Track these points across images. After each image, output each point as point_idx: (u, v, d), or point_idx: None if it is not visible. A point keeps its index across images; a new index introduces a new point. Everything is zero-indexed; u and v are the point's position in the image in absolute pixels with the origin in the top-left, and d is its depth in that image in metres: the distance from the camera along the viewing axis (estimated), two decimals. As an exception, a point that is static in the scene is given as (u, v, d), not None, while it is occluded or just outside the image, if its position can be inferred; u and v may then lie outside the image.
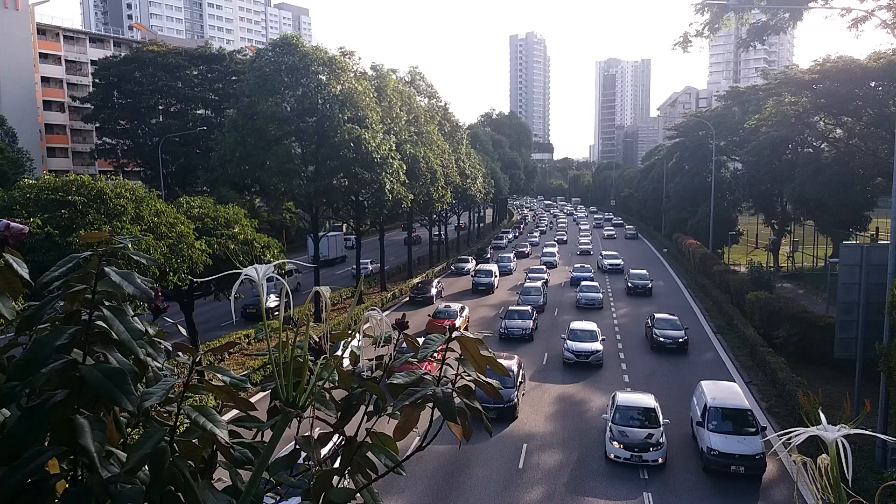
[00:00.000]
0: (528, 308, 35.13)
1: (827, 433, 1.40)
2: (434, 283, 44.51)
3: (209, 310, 34.88)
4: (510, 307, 35.43)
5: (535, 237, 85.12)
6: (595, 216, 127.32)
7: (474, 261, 57.13)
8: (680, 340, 31.19)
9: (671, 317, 33.37)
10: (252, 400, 1.57)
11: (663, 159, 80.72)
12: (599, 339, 29.58)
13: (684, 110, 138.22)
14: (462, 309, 35.37)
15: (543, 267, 53.58)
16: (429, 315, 34.33)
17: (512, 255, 59.96)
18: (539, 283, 43.26)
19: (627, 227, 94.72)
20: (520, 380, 24.15)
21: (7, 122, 55.06)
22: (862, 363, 20.68)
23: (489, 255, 63.76)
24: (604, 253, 60.34)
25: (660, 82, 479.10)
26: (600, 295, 41.62)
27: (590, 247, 71.64)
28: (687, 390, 24.21)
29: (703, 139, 63.70)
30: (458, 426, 1.43)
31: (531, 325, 33.41)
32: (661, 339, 31.31)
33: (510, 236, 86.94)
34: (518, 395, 23.04)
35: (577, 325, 30.85)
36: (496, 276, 48.19)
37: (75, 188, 20.42)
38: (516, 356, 26.03)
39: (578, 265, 53.22)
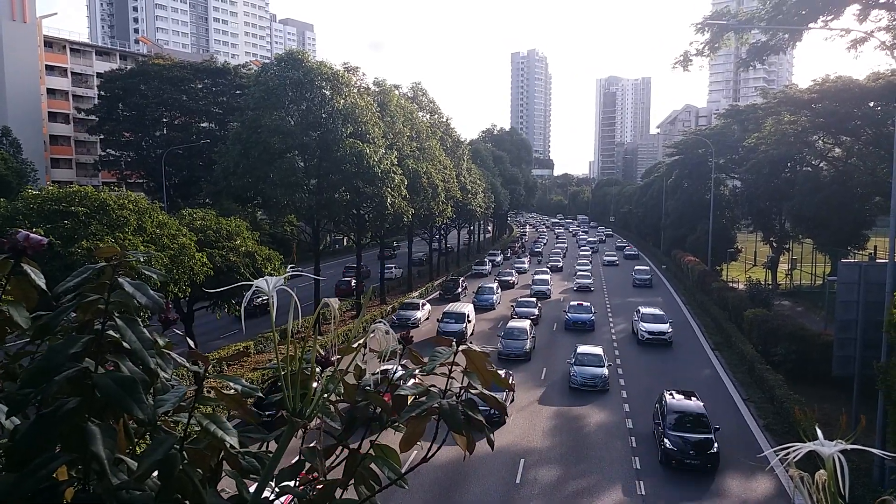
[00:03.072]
0: (502, 372, 24.50)
1: (824, 448, 1.41)
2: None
3: (208, 321, 34.85)
4: None
5: (524, 263, 70.55)
6: (590, 239, 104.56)
7: (427, 307, 43.08)
8: None
9: None
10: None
11: (663, 176, 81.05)
12: None
13: (684, 128, 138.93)
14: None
15: (534, 299, 44.61)
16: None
17: (495, 286, 48.95)
18: (526, 324, 34.28)
19: (638, 268, 63.84)
20: None
21: (12, 133, 55.37)
22: (860, 381, 20.67)
23: (461, 290, 50.53)
24: (643, 312, 38.69)
25: (660, 100, 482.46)
26: (605, 371, 28.47)
27: (590, 281, 56.13)
28: None
29: (702, 157, 64.04)
30: (462, 438, 1.46)
31: (502, 398, 22.24)
32: None
33: (498, 259, 74.77)
34: None
35: None
36: (470, 321, 37.30)
37: (78, 199, 20.54)
38: None
39: (576, 303, 41.80)
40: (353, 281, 48.39)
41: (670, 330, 36.57)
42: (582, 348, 30.03)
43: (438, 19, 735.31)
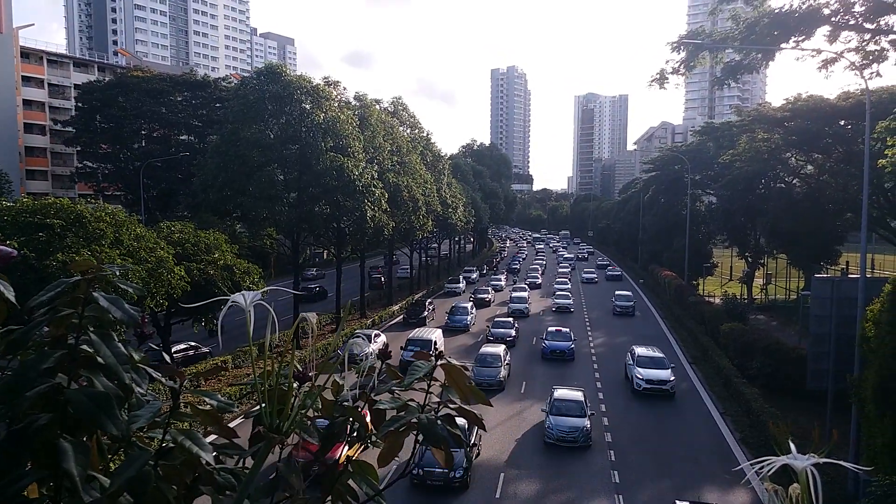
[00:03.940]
0: (463, 424, 15.26)
1: (797, 462, 1.43)
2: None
3: (185, 336, 34.30)
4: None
5: (500, 280, 67.61)
6: (568, 256, 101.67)
7: (382, 338, 33.62)
8: None
9: None
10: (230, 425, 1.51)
11: (640, 192, 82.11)
12: None
13: (660, 145, 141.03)
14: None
15: (511, 319, 41.93)
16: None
17: (469, 306, 46.01)
18: (501, 349, 31.62)
19: (620, 293, 54.85)
20: None
21: (-17, 144, 54.34)
22: (834, 394, 20.98)
23: (427, 313, 46.20)
24: (638, 353, 31.17)
25: (637, 117, 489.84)
26: (587, 421, 23.32)
27: (570, 301, 53.09)
28: None
29: (678, 173, 65.00)
30: (441, 452, 1.46)
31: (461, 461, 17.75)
32: None
33: (473, 276, 71.58)
34: None
35: None
36: (439, 349, 29.09)
37: (54, 211, 20.20)
38: None
39: (554, 329, 38.06)
40: (382, 277, 58.34)
41: (672, 378, 29.40)
42: (559, 392, 24.95)
43: (420, 35, 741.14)
